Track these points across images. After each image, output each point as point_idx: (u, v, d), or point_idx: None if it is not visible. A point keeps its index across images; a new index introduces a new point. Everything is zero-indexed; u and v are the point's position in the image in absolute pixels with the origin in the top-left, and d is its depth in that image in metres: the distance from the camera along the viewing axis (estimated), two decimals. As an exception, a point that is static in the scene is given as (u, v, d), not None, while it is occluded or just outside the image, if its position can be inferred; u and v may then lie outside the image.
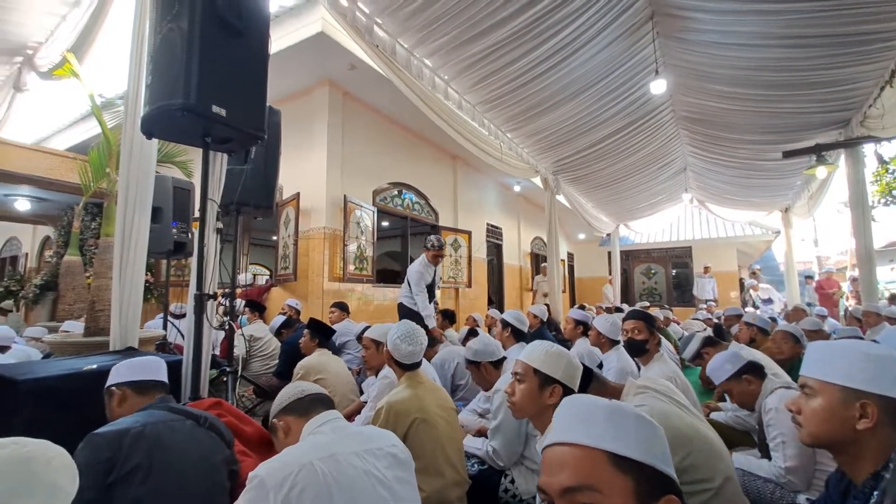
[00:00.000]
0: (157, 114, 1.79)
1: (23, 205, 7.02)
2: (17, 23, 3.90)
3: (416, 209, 7.09)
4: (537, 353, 1.38)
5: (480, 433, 2.28)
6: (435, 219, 7.46)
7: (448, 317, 4.73)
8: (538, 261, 11.40)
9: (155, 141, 2.44)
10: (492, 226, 9.39)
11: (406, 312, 4.04)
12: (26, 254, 9.67)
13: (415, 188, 7.00)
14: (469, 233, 8.01)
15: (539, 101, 5.00)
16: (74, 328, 3.69)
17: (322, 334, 3.14)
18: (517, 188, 9.88)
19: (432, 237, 4.19)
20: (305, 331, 3.18)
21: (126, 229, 2.35)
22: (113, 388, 1.52)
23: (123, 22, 2.69)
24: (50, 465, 0.81)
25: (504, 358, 2.31)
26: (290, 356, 3.35)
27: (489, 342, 2.31)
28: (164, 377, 1.60)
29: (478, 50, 4.00)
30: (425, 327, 3.57)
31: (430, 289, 4.21)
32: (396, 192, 6.66)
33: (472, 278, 8.03)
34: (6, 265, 10.11)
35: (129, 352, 2.33)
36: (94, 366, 1.92)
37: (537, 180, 7.55)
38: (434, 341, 3.68)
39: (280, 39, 4.47)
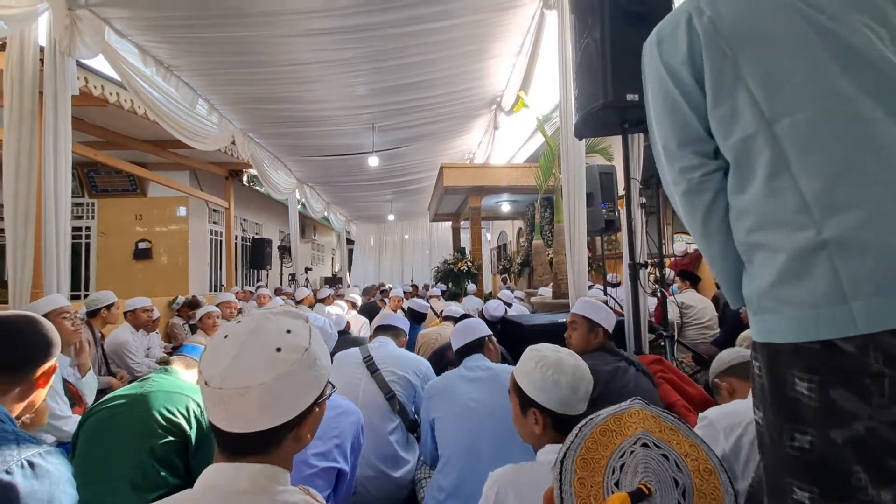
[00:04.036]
0: (584, 118, 2.18)
1: (504, 207, 10.00)
2: (491, 83, 5.63)
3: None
4: None
5: None
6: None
7: None
8: None
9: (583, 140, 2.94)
10: None
11: None
12: (510, 241, 13.64)
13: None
14: None
15: None
16: (545, 292, 4.97)
17: (767, 306, 2.76)
18: None
19: None
20: (745, 301, 2.89)
21: (570, 215, 2.98)
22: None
23: (551, 52, 3.37)
24: None
25: None
26: (731, 327, 3.15)
27: None
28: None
29: None
30: None
31: None
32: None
33: None
34: (500, 251, 14.64)
35: (584, 311, 2.95)
36: (563, 319, 2.58)
37: None
38: None
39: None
